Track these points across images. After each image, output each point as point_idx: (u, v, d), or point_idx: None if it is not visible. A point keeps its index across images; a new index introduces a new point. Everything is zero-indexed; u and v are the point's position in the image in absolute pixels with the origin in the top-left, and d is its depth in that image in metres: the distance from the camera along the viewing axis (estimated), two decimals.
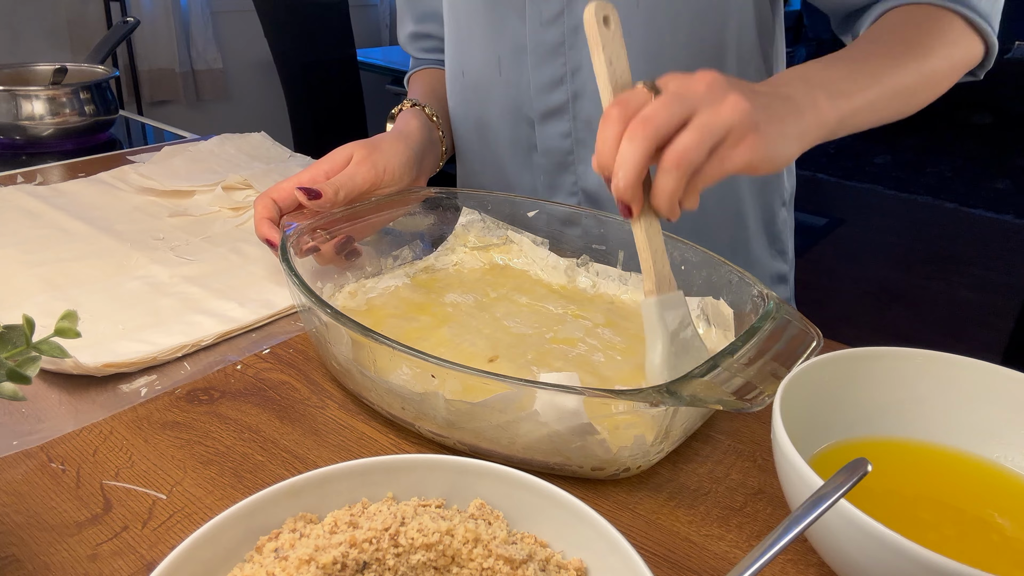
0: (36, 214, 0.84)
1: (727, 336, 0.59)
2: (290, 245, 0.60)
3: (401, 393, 0.49)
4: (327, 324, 0.52)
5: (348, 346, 0.52)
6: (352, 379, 0.54)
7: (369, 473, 0.39)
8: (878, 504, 0.44)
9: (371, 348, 0.50)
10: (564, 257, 0.72)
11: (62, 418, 0.53)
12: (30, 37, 2.55)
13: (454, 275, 0.72)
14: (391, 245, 0.72)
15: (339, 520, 0.37)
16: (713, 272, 0.62)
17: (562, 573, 0.36)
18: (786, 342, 0.50)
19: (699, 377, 0.45)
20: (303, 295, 0.53)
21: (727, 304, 0.60)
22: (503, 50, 0.82)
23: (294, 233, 0.62)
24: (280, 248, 0.59)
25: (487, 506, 0.39)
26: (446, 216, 0.75)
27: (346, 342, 0.52)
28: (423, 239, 0.74)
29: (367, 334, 0.48)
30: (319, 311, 0.51)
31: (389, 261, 0.72)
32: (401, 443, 0.52)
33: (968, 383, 0.48)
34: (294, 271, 0.55)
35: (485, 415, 0.46)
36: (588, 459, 0.47)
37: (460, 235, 0.75)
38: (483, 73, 0.85)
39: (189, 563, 0.33)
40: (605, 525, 0.36)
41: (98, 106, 1.16)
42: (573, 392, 0.44)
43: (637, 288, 0.68)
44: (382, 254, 0.71)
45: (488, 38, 0.82)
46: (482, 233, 0.75)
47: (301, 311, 0.58)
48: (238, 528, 0.36)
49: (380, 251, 0.71)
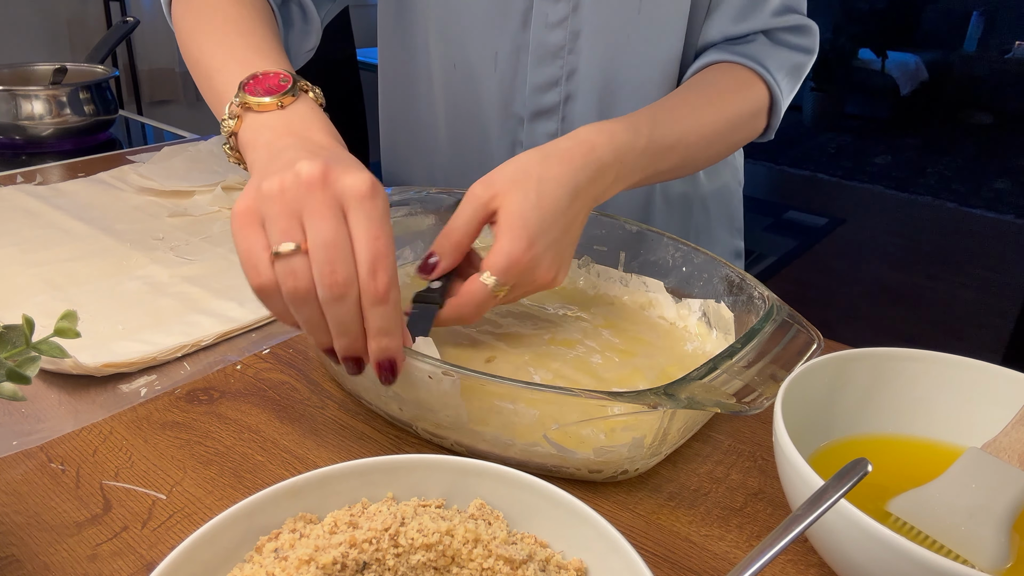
0: (36, 214, 0.84)
1: (727, 339, 0.59)
2: None
3: (398, 395, 0.49)
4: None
5: None
6: (351, 380, 0.54)
7: (369, 473, 0.39)
8: (878, 502, 0.44)
9: None
10: None
11: (62, 418, 0.53)
12: (30, 37, 2.55)
13: None
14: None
15: (339, 520, 0.37)
16: (714, 274, 0.62)
17: (562, 573, 0.36)
18: (786, 345, 0.50)
19: (698, 379, 0.45)
20: None
21: (727, 307, 0.60)
22: (501, 47, 0.82)
23: None
24: None
25: (487, 506, 0.39)
26: (446, 216, 0.75)
27: None
28: (423, 239, 0.74)
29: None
30: None
31: None
32: (401, 443, 0.52)
33: (968, 383, 0.48)
34: None
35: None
36: (582, 461, 0.47)
37: None
38: (477, 68, 0.85)
39: (189, 563, 0.33)
40: (605, 525, 0.36)
41: (98, 106, 1.16)
42: (571, 394, 0.44)
43: (637, 290, 0.68)
44: None
45: (487, 35, 0.83)
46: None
47: None
48: (238, 528, 0.36)
49: None
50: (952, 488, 0.42)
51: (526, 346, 0.60)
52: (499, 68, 0.83)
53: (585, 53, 0.79)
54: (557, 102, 0.82)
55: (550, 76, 0.81)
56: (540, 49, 0.80)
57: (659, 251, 0.66)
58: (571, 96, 0.82)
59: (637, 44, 0.78)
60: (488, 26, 0.82)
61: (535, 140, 0.84)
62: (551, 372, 0.57)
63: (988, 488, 0.41)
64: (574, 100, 0.82)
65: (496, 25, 0.82)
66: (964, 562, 0.38)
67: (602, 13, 0.77)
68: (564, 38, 0.79)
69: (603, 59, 0.79)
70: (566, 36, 0.79)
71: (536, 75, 0.81)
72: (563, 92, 0.81)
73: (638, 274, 0.68)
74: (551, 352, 0.59)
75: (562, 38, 0.79)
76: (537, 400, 0.45)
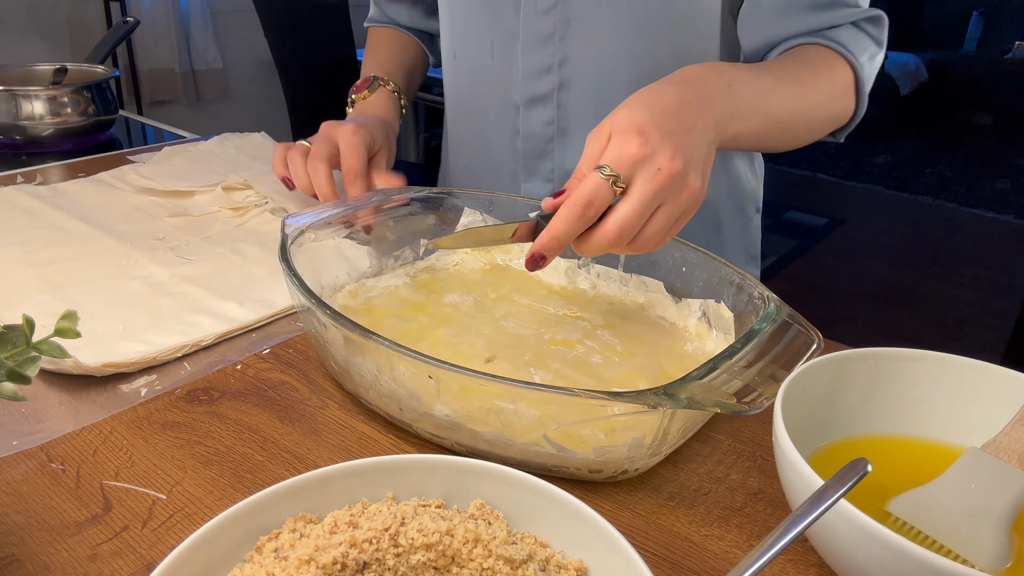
0: (36, 214, 0.84)
1: (727, 339, 0.59)
2: (290, 244, 0.60)
3: (396, 395, 0.49)
4: (325, 325, 0.52)
5: (345, 347, 0.52)
6: (350, 380, 0.54)
7: (369, 473, 0.39)
8: (879, 502, 0.44)
9: (367, 348, 0.50)
10: (565, 258, 0.72)
11: (62, 418, 0.53)
12: (30, 37, 2.55)
13: (455, 275, 0.72)
14: (393, 245, 0.72)
15: (339, 520, 0.37)
16: (714, 274, 0.62)
17: (562, 573, 0.36)
18: (786, 344, 0.50)
19: (697, 379, 0.45)
20: (302, 295, 0.53)
21: (728, 307, 0.60)
22: (496, 35, 0.83)
23: (294, 232, 0.62)
24: (280, 248, 0.59)
25: (487, 506, 0.39)
26: (447, 216, 0.75)
27: (342, 343, 0.52)
28: (425, 237, 0.74)
29: (367, 335, 0.48)
30: (318, 312, 0.51)
31: (390, 261, 0.72)
32: (401, 443, 0.52)
33: (968, 383, 0.48)
34: (293, 271, 0.55)
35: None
36: (582, 461, 0.47)
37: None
38: (476, 57, 0.86)
39: (189, 563, 0.33)
40: (605, 525, 0.36)
41: (98, 106, 1.16)
42: (571, 394, 0.44)
43: (637, 290, 0.68)
44: (383, 254, 0.71)
45: (483, 23, 0.84)
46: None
47: (300, 311, 0.58)
48: (238, 528, 0.36)
49: (381, 251, 0.71)
50: (952, 488, 0.42)
51: (526, 346, 0.60)
52: (495, 56, 0.84)
53: (577, 41, 0.80)
54: (551, 89, 0.83)
55: (541, 63, 0.81)
56: (531, 36, 0.81)
57: (659, 251, 0.66)
58: (565, 83, 0.82)
59: (628, 36, 0.78)
60: (484, 14, 0.84)
61: (531, 128, 0.85)
62: (551, 372, 0.57)
63: (987, 488, 0.41)
64: (568, 88, 0.82)
65: (490, 13, 0.83)
66: (964, 562, 0.38)
67: (591, 2, 0.78)
68: (554, 24, 0.79)
69: (596, 49, 0.79)
70: (555, 23, 0.79)
71: (528, 62, 0.82)
72: (556, 79, 0.82)
73: (638, 274, 0.68)
74: (551, 352, 0.59)
75: (552, 24, 0.79)
76: (537, 400, 0.45)
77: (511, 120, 0.87)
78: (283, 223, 0.63)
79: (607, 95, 0.81)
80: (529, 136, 0.86)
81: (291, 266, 0.56)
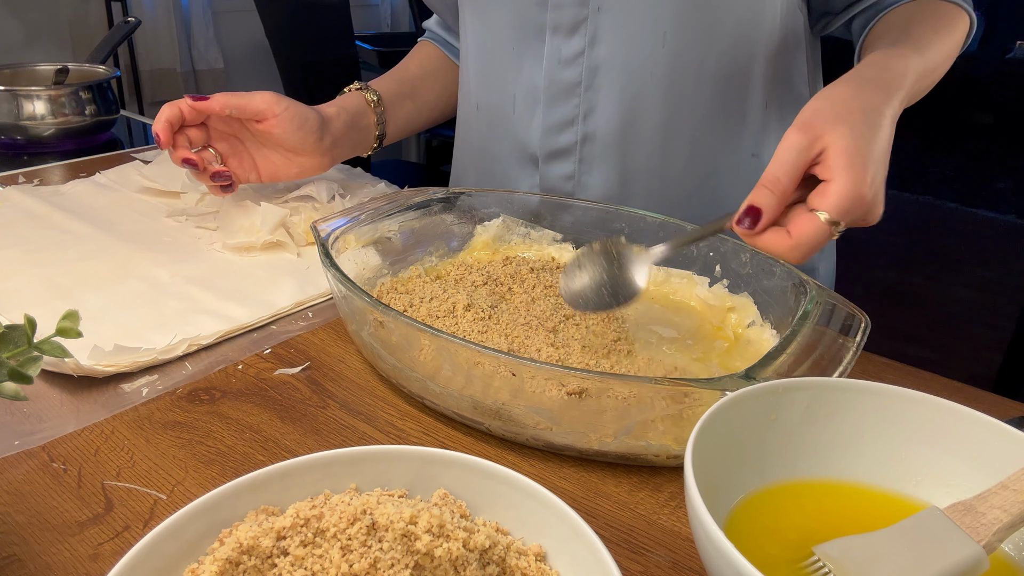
0: (37, 214, 0.85)
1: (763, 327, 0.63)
2: (331, 245, 0.62)
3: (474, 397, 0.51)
4: (408, 339, 0.53)
5: (426, 354, 0.53)
6: (421, 384, 0.54)
7: (331, 465, 0.39)
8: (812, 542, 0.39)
9: (434, 344, 0.51)
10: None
11: (63, 418, 0.53)
12: (31, 37, 2.55)
13: (475, 269, 0.72)
14: (412, 244, 0.72)
15: (300, 512, 0.36)
16: (755, 256, 0.65)
17: (522, 559, 0.37)
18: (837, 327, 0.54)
19: (772, 361, 0.48)
20: (349, 291, 0.55)
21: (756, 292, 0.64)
22: (519, 90, 0.80)
23: (332, 236, 0.63)
24: (322, 248, 0.60)
25: (450, 495, 0.39)
26: (466, 216, 0.75)
27: (418, 350, 0.53)
28: (444, 239, 0.74)
29: (469, 344, 0.49)
30: (397, 321, 0.52)
31: (411, 258, 0.72)
32: (401, 444, 0.52)
33: (917, 420, 0.43)
34: (338, 270, 0.57)
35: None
36: (661, 448, 0.49)
37: (481, 234, 0.75)
38: (498, 111, 0.84)
39: (151, 558, 0.34)
40: (566, 510, 0.36)
41: (99, 106, 1.16)
42: (652, 382, 0.46)
43: (656, 285, 0.70)
44: (403, 252, 0.72)
45: (506, 78, 0.81)
46: (503, 232, 0.75)
47: (349, 314, 0.59)
48: (200, 522, 0.36)
49: (402, 249, 0.72)
50: (889, 543, 0.38)
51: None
52: (516, 110, 0.81)
53: (604, 90, 0.76)
54: (574, 142, 0.79)
55: (565, 115, 0.78)
56: (553, 87, 0.77)
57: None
58: (589, 137, 0.78)
59: (661, 79, 0.75)
60: (508, 69, 0.81)
61: (551, 183, 0.82)
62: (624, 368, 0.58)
63: (927, 551, 0.36)
64: (592, 141, 0.79)
65: (515, 67, 0.80)
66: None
67: (623, 47, 0.74)
68: (579, 74, 0.76)
69: (624, 96, 0.76)
70: (581, 72, 0.76)
71: (550, 115, 0.79)
72: (580, 132, 0.78)
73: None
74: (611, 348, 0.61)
75: (576, 74, 0.76)
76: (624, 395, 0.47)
77: (529, 175, 0.84)
78: (314, 228, 0.63)
79: (628, 145, 0.78)
80: (548, 190, 0.83)
81: (341, 272, 0.57)
